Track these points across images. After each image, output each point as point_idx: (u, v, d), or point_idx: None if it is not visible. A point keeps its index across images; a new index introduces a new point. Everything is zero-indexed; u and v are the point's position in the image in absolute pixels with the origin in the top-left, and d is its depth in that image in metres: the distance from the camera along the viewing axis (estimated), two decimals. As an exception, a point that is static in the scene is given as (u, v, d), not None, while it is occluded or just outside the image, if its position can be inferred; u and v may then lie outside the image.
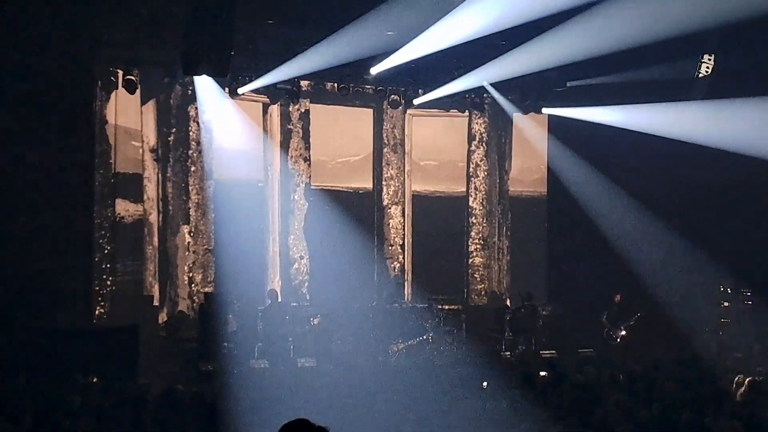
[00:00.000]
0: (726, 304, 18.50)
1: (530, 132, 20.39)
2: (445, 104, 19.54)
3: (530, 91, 19.15)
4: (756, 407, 10.45)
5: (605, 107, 18.09)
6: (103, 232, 16.51)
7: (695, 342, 17.23)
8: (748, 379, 11.54)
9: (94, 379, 11.80)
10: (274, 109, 19.01)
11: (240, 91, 17.33)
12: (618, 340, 17.19)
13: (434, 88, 18.55)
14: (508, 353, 17.35)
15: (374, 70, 17.32)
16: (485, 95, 19.33)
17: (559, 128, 19.77)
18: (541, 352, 17.25)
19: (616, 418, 9.97)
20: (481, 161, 20.61)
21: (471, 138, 20.55)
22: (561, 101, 19.05)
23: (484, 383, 12.20)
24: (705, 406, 10.78)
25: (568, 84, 18.57)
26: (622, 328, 17.18)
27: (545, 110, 19.39)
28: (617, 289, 17.65)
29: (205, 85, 17.07)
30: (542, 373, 12.97)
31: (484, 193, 20.69)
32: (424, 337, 17.24)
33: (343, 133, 19.94)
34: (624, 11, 14.37)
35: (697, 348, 17.00)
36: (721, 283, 18.46)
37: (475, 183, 20.67)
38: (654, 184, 18.64)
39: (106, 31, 15.66)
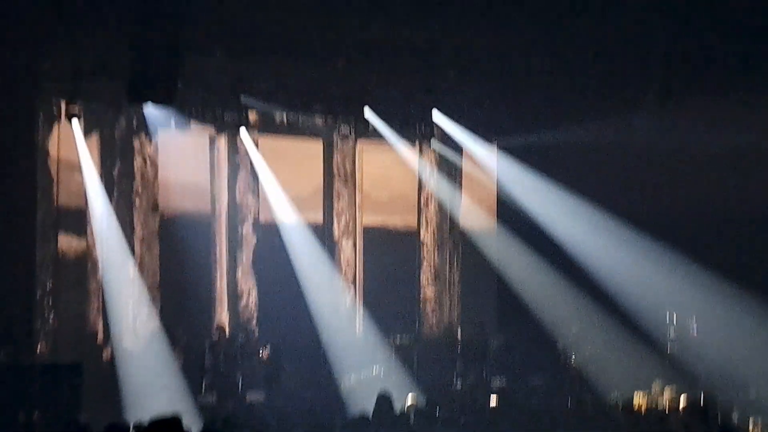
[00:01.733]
0: (672, 331, 18.60)
1: (480, 163, 20.48)
2: (395, 135, 19.53)
3: (479, 122, 19.25)
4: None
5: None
6: (44, 268, 16.14)
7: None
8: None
9: (36, 415, 11.49)
10: (222, 141, 18.83)
11: (186, 122, 17.15)
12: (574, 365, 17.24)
13: (385, 120, 18.58)
14: (459, 383, 17.31)
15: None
16: (435, 127, 19.40)
17: (508, 158, 19.88)
18: (491, 381, 17.23)
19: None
20: (431, 193, 20.62)
21: (422, 169, 20.55)
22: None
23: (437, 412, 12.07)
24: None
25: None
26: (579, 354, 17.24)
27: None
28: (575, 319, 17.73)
29: (150, 116, 16.89)
30: (492, 401, 12.94)
31: (435, 225, 20.68)
32: (376, 370, 17.12)
33: (292, 165, 19.80)
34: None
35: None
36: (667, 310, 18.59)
37: (426, 215, 20.67)
38: (610, 206, 18.76)
39: (48, 62, 15.42)
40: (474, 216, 20.72)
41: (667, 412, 11.94)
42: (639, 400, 12.41)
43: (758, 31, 14.63)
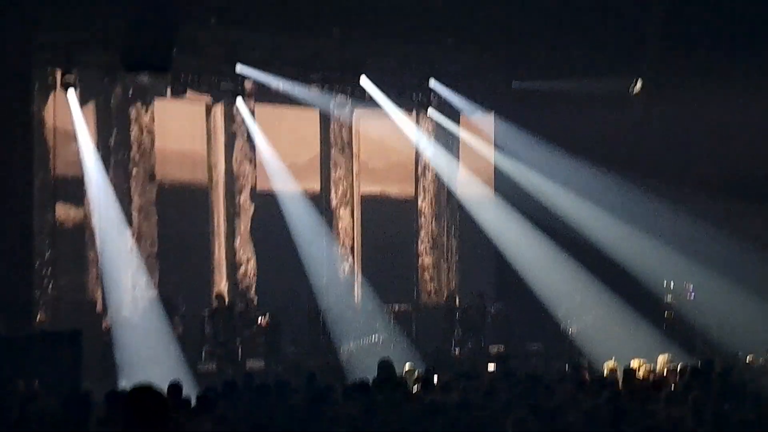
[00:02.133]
0: (670, 297, 18.70)
1: (477, 131, 20.45)
2: (392, 104, 19.45)
3: (476, 90, 19.19)
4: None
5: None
6: (43, 237, 16.16)
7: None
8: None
9: (36, 384, 11.52)
10: (218, 110, 18.77)
11: (183, 91, 17.07)
12: (575, 333, 17.31)
13: (381, 88, 18.50)
14: (457, 350, 17.40)
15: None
16: (432, 95, 19.34)
17: (505, 127, 19.86)
18: (489, 348, 17.34)
19: (565, 408, 9.96)
20: (429, 162, 20.60)
21: (419, 138, 20.50)
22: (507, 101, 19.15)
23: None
24: (650, 395, 10.86)
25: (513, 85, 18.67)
26: (580, 322, 17.29)
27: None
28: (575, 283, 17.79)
29: (146, 85, 16.83)
30: (490, 367, 13.01)
31: (432, 193, 20.68)
32: (375, 337, 17.19)
33: (289, 134, 19.74)
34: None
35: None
36: (665, 278, 18.66)
37: (423, 184, 20.67)
38: (604, 174, 18.76)
39: (43, 32, 15.33)
40: (471, 184, 20.70)
41: (665, 376, 12.01)
42: (637, 366, 12.46)
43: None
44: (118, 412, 9.93)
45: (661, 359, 12.84)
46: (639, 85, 17.36)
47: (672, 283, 18.78)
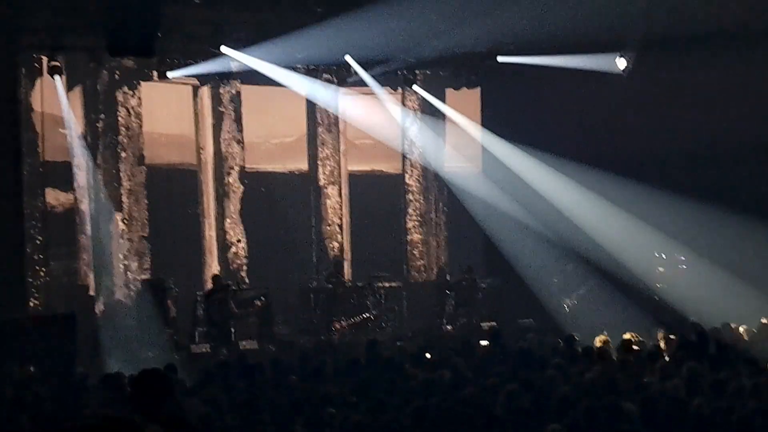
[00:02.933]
0: (661, 269, 18.84)
1: (463, 107, 20.48)
2: (377, 82, 19.45)
3: (462, 66, 19.20)
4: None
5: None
6: (33, 223, 16.19)
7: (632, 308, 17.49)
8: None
9: (31, 369, 11.58)
10: (205, 92, 18.77)
11: (169, 74, 17.04)
12: (567, 309, 17.41)
13: (367, 66, 18.49)
14: (449, 326, 17.50)
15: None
16: (417, 72, 19.34)
17: (491, 102, 19.90)
18: (481, 323, 17.45)
19: (558, 381, 10.09)
20: (415, 138, 20.64)
21: (405, 115, 20.55)
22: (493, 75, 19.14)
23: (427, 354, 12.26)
24: (642, 367, 10.99)
25: (500, 60, 18.61)
26: (572, 297, 17.40)
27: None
28: (565, 259, 17.88)
29: (131, 68, 16.79)
30: (483, 343, 13.10)
31: (419, 170, 20.74)
32: (366, 315, 17.29)
33: (275, 114, 19.76)
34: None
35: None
36: (655, 249, 18.78)
37: (410, 160, 20.71)
38: (590, 152, 18.82)
39: (28, 17, 15.27)
40: (459, 160, 20.75)
41: (660, 348, 12.13)
42: (630, 338, 12.57)
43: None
44: (117, 395, 10.05)
45: (660, 335, 12.94)
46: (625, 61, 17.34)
47: (663, 255, 18.88)
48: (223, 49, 16.77)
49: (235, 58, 17.24)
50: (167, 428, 4.63)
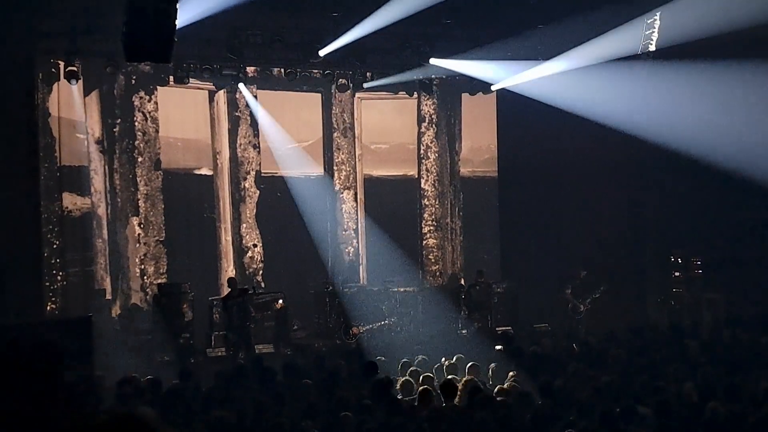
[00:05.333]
0: (677, 273, 18.78)
1: (479, 112, 20.46)
2: (393, 86, 19.45)
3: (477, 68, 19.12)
4: None
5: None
6: (51, 227, 16.28)
7: (649, 311, 17.45)
8: None
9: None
10: (221, 96, 18.84)
11: (185, 78, 17.09)
12: (581, 313, 17.33)
13: (382, 70, 18.49)
14: (464, 331, 17.47)
15: (322, 53, 17.13)
16: (433, 76, 19.34)
17: (507, 107, 19.88)
18: (497, 328, 17.42)
19: (575, 386, 10.07)
20: (431, 143, 20.65)
21: (420, 120, 20.57)
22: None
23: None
24: (659, 371, 10.95)
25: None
26: (587, 302, 17.31)
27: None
28: (579, 264, 17.82)
29: (148, 73, 16.85)
30: (498, 347, 13.07)
31: (435, 174, 20.73)
32: (386, 321, 17.25)
33: (291, 118, 19.80)
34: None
35: (651, 317, 17.24)
36: (672, 253, 18.72)
37: (426, 165, 20.71)
38: (605, 157, 18.78)
39: (45, 22, 15.38)
40: (474, 163, 20.76)
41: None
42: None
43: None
44: (133, 397, 10.11)
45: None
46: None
47: (679, 259, 18.78)
48: (240, 53, 16.79)
49: (251, 62, 17.28)
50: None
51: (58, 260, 16.36)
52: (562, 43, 16.76)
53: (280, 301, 17.00)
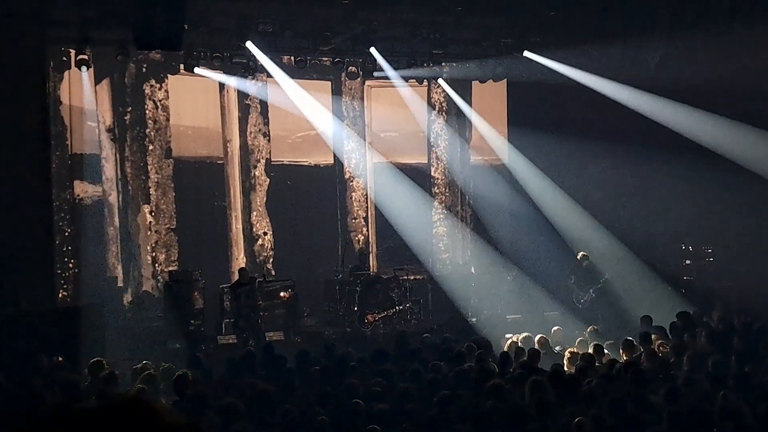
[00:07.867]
0: (688, 262, 18.75)
1: (489, 100, 20.41)
2: (403, 75, 19.38)
3: (489, 58, 19.11)
4: None
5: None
6: (62, 215, 16.36)
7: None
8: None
9: (60, 359, 11.69)
10: (231, 84, 18.83)
11: (195, 67, 17.10)
12: (586, 303, 17.32)
13: (392, 59, 18.45)
14: (474, 319, 17.47)
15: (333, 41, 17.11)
16: (443, 64, 19.28)
17: (517, 95, 19.85)
18: (506, 316, 17.43)
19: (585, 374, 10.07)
20: (441, 131, 20.61)
21: (431, 108, 20.53)
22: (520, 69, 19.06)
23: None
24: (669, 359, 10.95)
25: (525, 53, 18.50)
26: (591, 291, 17.30)
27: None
28: (581, 252, 17.82)
29: (159, 61, 16.87)
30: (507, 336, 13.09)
31: (445, 162, 20.69)
32: (400, 308, 17.26)
33: (300, 106, 19.76)
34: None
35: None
36: (682, 242, 18.68)
37: (436, 153, 20.67)
38: (613, 144, 18.72)
39: (55, 10, 15.41)
40: (484, 151, 20.71)
41: (683, 340, 12.08)
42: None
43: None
44: (144, 385, 10.15)
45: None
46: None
47: (690, 247, 18.80)
48: (250, 41, 16.78)
49: (261, 50, 17.27)
50: None
51: (69, 248, 16.43)
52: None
53: (286, 292, 17.03)
